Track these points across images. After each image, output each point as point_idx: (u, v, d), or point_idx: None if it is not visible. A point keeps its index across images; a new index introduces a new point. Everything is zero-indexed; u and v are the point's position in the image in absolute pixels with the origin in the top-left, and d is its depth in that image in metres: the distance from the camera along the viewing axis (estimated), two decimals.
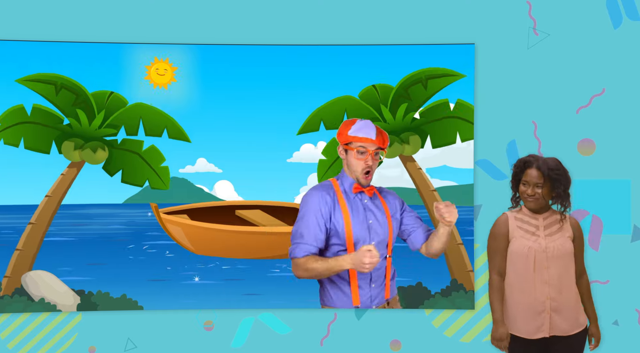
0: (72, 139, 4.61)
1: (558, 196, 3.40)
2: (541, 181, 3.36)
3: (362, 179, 3.35)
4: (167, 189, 4.65)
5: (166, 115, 4.63)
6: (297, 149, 4.66)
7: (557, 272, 3.38)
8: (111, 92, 4.61)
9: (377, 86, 4.67)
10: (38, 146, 4.59)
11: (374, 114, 4.66)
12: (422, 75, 4.65)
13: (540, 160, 3.40)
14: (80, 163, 4.62)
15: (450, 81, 4.64)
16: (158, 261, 4.64)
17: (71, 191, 4.61)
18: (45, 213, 4.59)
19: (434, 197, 4.67)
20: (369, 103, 4.66)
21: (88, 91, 4.60)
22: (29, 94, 4.57)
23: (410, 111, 4.67)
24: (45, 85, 4.57)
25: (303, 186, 4.67)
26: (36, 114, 4.59)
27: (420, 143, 4.66)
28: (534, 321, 3.41)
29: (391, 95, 4.66)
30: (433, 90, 4.66)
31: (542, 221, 3.44)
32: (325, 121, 4.67)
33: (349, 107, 4.67)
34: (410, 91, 4.66)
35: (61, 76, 4.58)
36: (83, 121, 4.60)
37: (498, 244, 3.49)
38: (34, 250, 4.58)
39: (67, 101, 4.60)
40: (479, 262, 4.65)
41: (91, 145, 4.61)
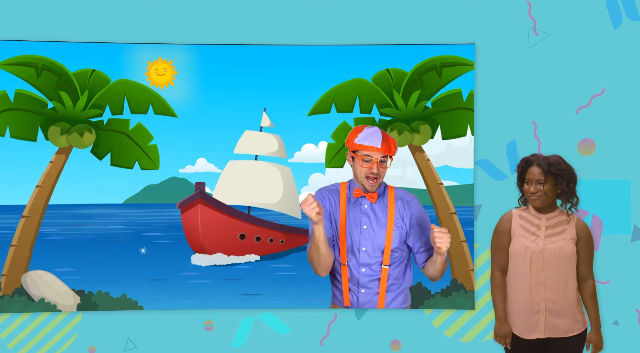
0: (58, 124, 4.58)
1: (563, 192, 3.39)
2: (542, 177, 3.36)
3: (366, 185, 3.36)
4: (158, 169, 4.62)
5: (150, 90, 4.58)
6: (298, 149, 4.66)
7: (555, 274, 3.37)
8: (93, 70, 4.57)
9: (391, 71, 4.64)
10: (24, 134, 4.55)
11: (385, 100, 4.62)
12: (437, 62, 4.62)
13: (540, 158, 3.41)
14: (68, 148, 4.59)
15: (464, 71, 4.60)
16: (158, 261, 4.64)
17: (72, 191, 4.61)
18: (37, 204, 4.56)
19: (440, 190, 4.64)
20: (381, 88, 4.63)
21: (69, 71, 4.57)
22: (11, 79, 4.54)
23: (423, 99, 4.64)
24: (26, 68, 4.53)
25: (304, 186, 4.67)
26: (19, 99, 4.55)
27: (431, 133, 4.63)
28: (529, 321, 3.41)
29: (404, 81, 4.62)
30: (447, 78, 4.62)
31: (545, 222, 3.43)
32: (337, 104, 4.63)
33: (361, 91, 4.63)
34: (424, 78, 4.63)
35: (41, 57, 4.54)
36: (67, 103, 4.57)
37: (501, 241, 3.50)
38: (29, 244, 4.56)
39: (50, 83, 4.56)
40: (479, 262, 4.65)
41: (77, 128, 4.58)
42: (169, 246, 4.66)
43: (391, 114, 4.62)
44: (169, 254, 4.64)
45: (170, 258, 4.64)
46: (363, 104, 4.63)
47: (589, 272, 3.46)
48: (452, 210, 4.63)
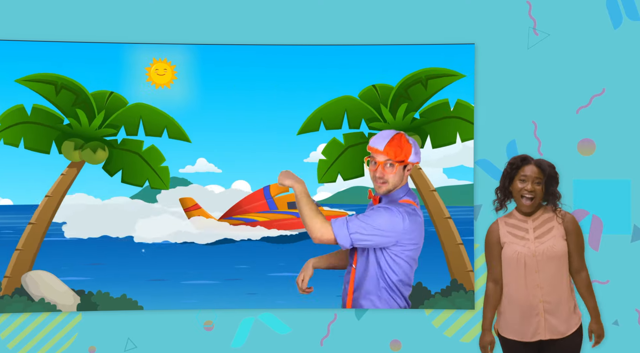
0: (72, 139, 4.61)
1: (551, 194, 3.40)
2: (541, 176, 3.36)
3: (375, 188, 3.32)
4: (168, 189, 4.65)
5: (166, 115, 4.63)
6: (314, 149, 4.67)
7: (549, 274, 3.37)
8: (111, 92, 4.61)
9: (377, 86, 4.67)
10: (38, 146, 4.59)
11: (374, 115, 4.66)
12: (422, 75, 4.65)
13: (536, 159, 3.42)
14: (80, 163, 4.62)
15: (450, 81, 4.64)
16: (158, 261, 4.64)
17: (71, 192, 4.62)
18: (45, 213, 4.59)
19: (433, 197, 4.67)
20: (369, 103, 4.66)
21: (88, 91, 4.60)
22: (29, 94, 4.57)
23: (410, 111, 4.67)
24: (45, 85, 4.57)
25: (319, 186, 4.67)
26: (36, 114, 4.59)
27: (421, 143, 4.66)
28: (530, 324, 3.41)
29: (391, 95, 4.66)
30: (433, 90, 4.66)
31: (531, 224, 3.43)
32: (325, 121, 4.67)
33: (349, 107, 4.66)
34: (410, 91, 4.66)
35: (61, 76, 4.58)
36: (83, 121, 4.60)
37: (491, 252, 3.50)
38: (34, 250, 4.58)
39: (67, 101, 4.60)
40: (478, 262, 4.65)
41: (91, 145, 4.61)
42: (169, 246, 4.66)
43: (380, 127, 4.63)
44: (169, 254, 4.64)
45: (171, 258, 4.64)
46: (351, 120, 4.66)
47: (582, 264, 3.44)
48: (447, 215, 4.65)
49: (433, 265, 4.57)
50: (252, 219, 4.69)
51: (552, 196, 3.39)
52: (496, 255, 3.48)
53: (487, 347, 3.53)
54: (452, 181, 4.66)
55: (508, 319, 3.46)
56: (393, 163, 3.20)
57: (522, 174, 3.39)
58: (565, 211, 3.44)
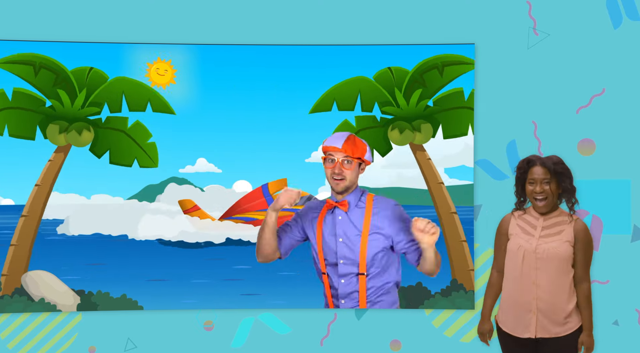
0: (56, 122, 4.57)
1: (565, 190, 3.39)
2: (548, 176, 3.36)
3: (333, 185, 3.41)
4: (157, 167, 4.62)
5: (148, 88, 4.58)
6: (315, 149, 4.66)
7: (547, 274, 3.37)
8: (91, 68, 4.57)
9: (392, 69, 4.64)
10: (22, 133, 4.55)
11: (387, 98, 4.62)
12: (439, 61, 4.61)
13: (542, 158, 3.41)
14: (67, 146, 4.58)
15: (466, 70, 4.60)
16: (158, 261, 4.64)
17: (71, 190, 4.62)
18: (36, 203, 4.56)
19: (441, 189, 4.64)
20: (383, 86, 4.62)
21: (67, 69, 4.56)
22: (9, 77, 4.54)
23: (424, 98, 4.64)
24: (23, 66, 4.53)
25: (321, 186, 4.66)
26: (17, 98, 4.55)
27: (432, 132, 4.63)
28: (521, 320, 3.42)
29: (406, 79, 4.62)
30: (449, 77, 4.62)
31: (542, 222, 3.43)
32: (339, 102, 4.63)
33: (362, 89, 4.63)
34: (426, 77, 4.62)
35: (39, 55, 4.53)
36: (65, 101, 4.56)
37: (499, 241, 3.54)
38: (29, 243, 4.56)
39: (48, 82, 4.56)
40: (479, 262, 4.65)
41: (76, 126, 4.57)
42: (169, 246, 4.66)
43: (392, 112, 4.62)
44: (170, 254, 4.64)
45: (171, 258, 4.64)
46: (365, 102, 4.63)
47: (585, 275, 3.43)
48: (453, 210, 4.63)
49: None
50: (251, 218, 4.69)
51: (567, 193, 3.39)
52: (503, 245, 3.51)
53: (486, 334, 3.57)
54: (453, 181, 4.66)
55: (504, 311, 3.49)
56: (351, 160, 3.37)
57: (530, 178, 3.40)
58: (580, 220, 3.44)
